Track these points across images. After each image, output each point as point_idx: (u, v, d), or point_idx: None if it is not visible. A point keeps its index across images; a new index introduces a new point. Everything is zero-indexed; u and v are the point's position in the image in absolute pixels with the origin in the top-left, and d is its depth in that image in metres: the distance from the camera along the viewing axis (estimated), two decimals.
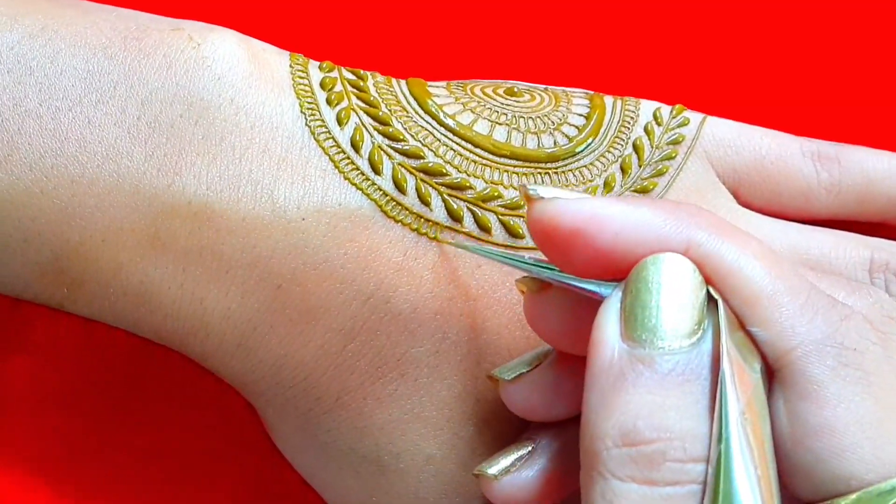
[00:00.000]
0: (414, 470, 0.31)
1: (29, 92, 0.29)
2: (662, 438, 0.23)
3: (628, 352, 0.24)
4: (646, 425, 0.23)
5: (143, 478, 0.35)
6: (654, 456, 0.23)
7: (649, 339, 0.24)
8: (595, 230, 0.25)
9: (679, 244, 0.25)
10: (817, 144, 0.35)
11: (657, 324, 0.24)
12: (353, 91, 0.32)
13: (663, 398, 0.24)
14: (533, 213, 0.26)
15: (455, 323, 0.30)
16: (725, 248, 0.25)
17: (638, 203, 0.25)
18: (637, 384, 0.24)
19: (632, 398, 0.24)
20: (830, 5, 0.39)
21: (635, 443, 0.23)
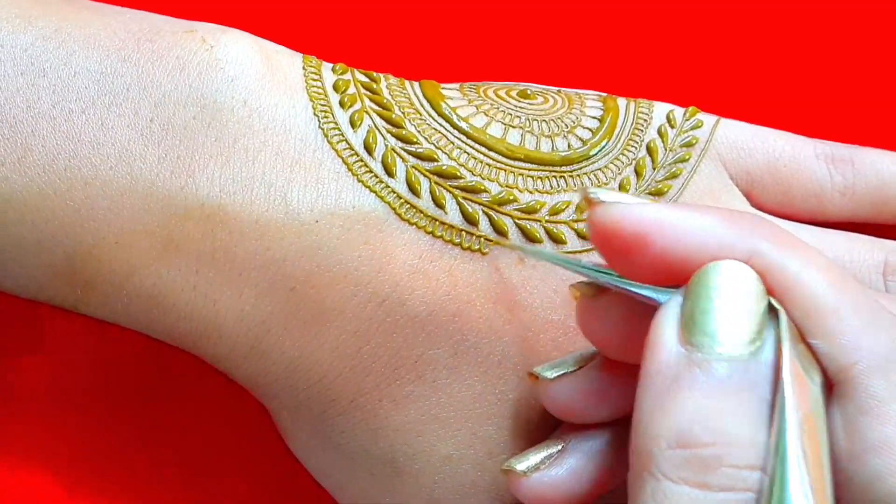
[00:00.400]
0: (429, 471, 0.31)
1: (42, 94, 0.29)
2: (719, 443, 0.23)
3: (685, 355, 0.24)
4: (702, 429, 0.23)
5: (156, 478, 0.35)
6: (710, 460, 0.23)
7: (708, 345, 0.24)
8: (658, 235, 0.25)
9: (742, 253, 0.25)
10: (831, 147, 0.35)
11: (716, 329, 0.24)
12: (366, 93, 0.32)
13: (720, 403, 0.23)
14: (594, 216, 0.26)
15: (474, 325, 0.30)
16: (789, 260, 0.24)
17: (702, 210, 0.25)
18: (693, 388, 0.24)
19: (687, 401, 0.24)
20: (844, 7, 0.39)
21: (690, 445, 0.23)
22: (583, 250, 0.31)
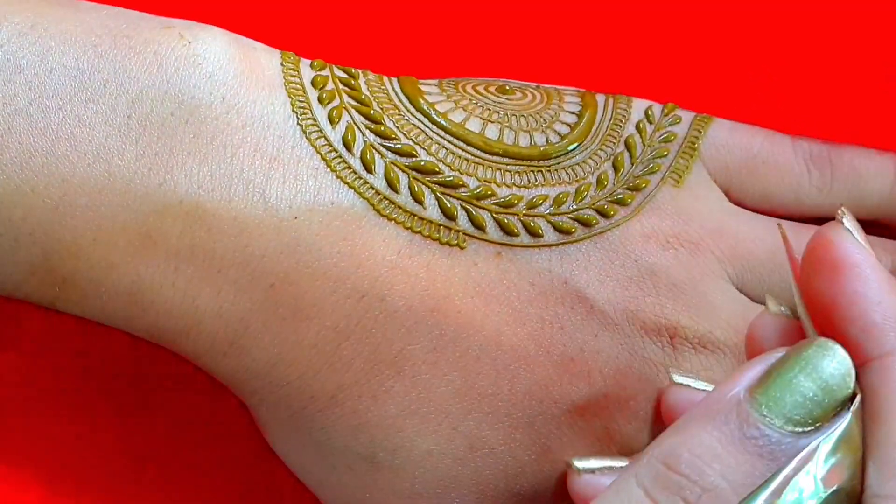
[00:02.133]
0: (410, 465, 0.31)
1: (19, 90, 0.29)
2: (690, 478, 0.24)
3: (740, 402, 0.24)
4: (689, 459, 0.24)
5: (135, 476, 0.35)
6: (672, 484, 0.24)
7: (762, 404, 0.24)
8: (847, 276, 0.25)
9: (886, 345, 0.25)
10: (809, 143, 0.35)
11: (779, 396, 0.24)
12: (344, 89, 0.32)
13: (726, 453, 0.24)
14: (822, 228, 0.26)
15: (452, 320, 0.30)
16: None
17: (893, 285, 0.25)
18: (719, 429, 0.24)
19: (703, 435, 0.24)
20: (822, 4, 0.40)
21: (669, 465, 0.24)
22: (559, 243, 0.31)
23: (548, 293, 0.31)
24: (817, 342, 0.25)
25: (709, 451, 0.24)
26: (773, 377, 0.25)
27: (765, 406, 0.24)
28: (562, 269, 0.31)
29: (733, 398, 0.25)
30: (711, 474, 0.24)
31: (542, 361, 0.31)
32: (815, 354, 0.25)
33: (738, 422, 0.24)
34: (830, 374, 0.24)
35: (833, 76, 0.39)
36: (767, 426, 0.24)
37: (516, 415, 0.31)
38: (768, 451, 0.24)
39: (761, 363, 0.25)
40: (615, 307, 0.31)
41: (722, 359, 0.32)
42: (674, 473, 0.24)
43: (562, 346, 0.31)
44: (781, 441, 0.24)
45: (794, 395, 0.24)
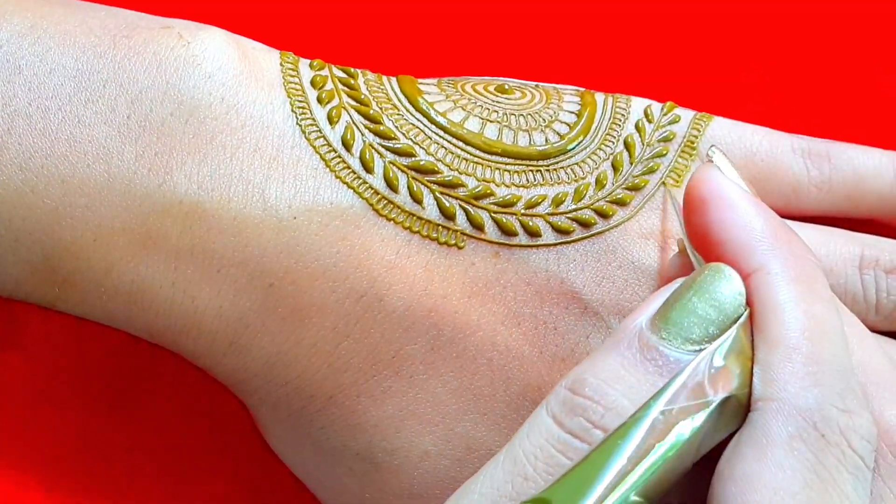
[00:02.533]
0: (408, 466, 0.31)
1: (18, 91, 0.29)
2: (593, 399, 0.25)
3: (642, 330, 0.26)
4: (592, 382, 0.25)
5: (135, 476, 0.35)
6: (577, 407, 0.25)
7: (660, 328, 0.26)
8: (715, 207, 0.28)
9: (754, 263, 0.27)
10: (808, 141, 0.35)
11: (674, 318, 0.26)
12: (343, 89, 0.32)
13: (626, 373, 0.26)
14: (696, 170, 0.29)
15: (449, 320, 0.30)
16: (787, 290, 0.27)
17: (763, 212, 0.28)
18: (622, 354, 0.26)
19: (608, 362, 0.26)
20: (822, 4, 0.39)
21: (574, 390, 0.25)
22: (557, 243, 0.31)
23: (544, 293, 0.31)
24: (709, 266, 0.27)
25: (611, 374, 0.25)
26: (671, 303, 0.26)
27: (664, 329, 0.26)
28: (558, 270, 0.31)
29: (636, 326, 0.26)
30: (613, 394, 0.25)
31: (535, 362, 0.31)
32: (707, 277, 0.27)
33: (639, 346, 0.26)
34: (722, 294, 0.26)
35: (832, 75, 0.39)
36: (666, 347, 0.26)
37: (511, 416, 0.31)
38: (668, 369, 0.25)
39: (662, 294, 0.27)
40: (609, 309, 0.31)
41: None
42: (578, 397, 0.25)
43: (554, 346, 0.31)
44: (680, 359, 0.26)
45: (689, 316, 0.26)
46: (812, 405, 0.25)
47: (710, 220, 0.28)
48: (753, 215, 0.28)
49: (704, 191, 0.28)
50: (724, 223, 0.28)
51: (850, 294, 0.34)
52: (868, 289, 0.34)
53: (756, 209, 0.28)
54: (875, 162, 0.35)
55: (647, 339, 0.26)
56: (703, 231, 0.28)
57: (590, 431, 0.25)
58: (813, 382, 0.25)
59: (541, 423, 0.26)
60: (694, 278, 0.27)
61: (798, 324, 0.26)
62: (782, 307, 0.26)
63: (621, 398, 0.25)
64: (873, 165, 0.35)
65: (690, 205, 0.28)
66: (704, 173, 0.29)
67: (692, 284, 0.27)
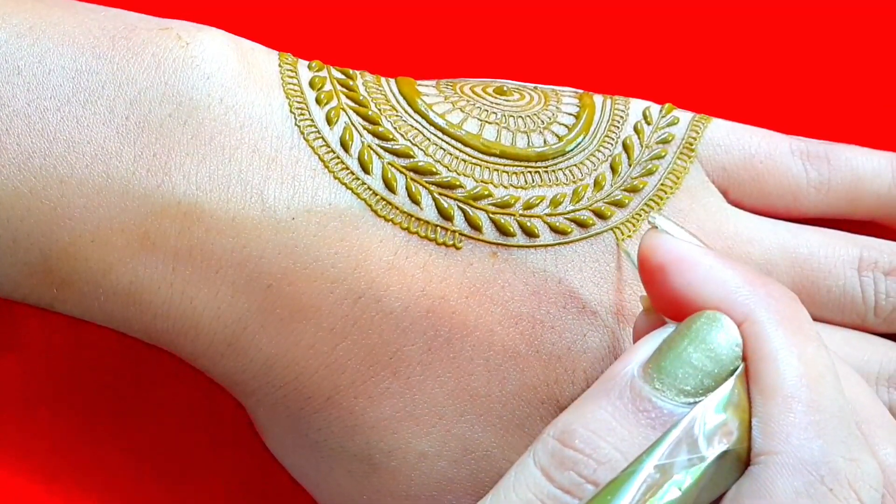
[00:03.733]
0: (405, 468, 0.31)
1: (17, 92, 0.29)
2: (584, 452, 0.25)
3: (633, 378, 0.25)
4: (583, 434, 0.25)
5: (133, 477, 0.35)
6: (567, 460, 0.25)
7: (653, 378, 0.25)
8: (677, 272, 0.27)
9: (739, 314, 0.26)
10: (807, 143, 0.35)
11: (668, 368, 0.25)
12: (342, 90, 0.32)
13: (619, 426, 0.25)
14: (642, 239, 0.28)
15: (447, 321, 0.30)
16: (778, 337, 0.26)
17: (730, 264, 0.27)
18: (612, 403, 0.25)
19: (598, 410, 0.25)
20: (820, 5, 0.39)
21: (564, 442, 0.25)
22: (555, 243, 0.31)
23: (541, 293, 0.31)
24: (705, 314, 0.26)
25: (603, 425, 0.25)
26: (664, 351, 0.26)
27: (657, 380, 0.25)
28: (556, 269, 0.31)
29: (627, 374, 0.26)
30: (605, 447, 0.25)
31: (532, 361, 0.31)
32: (703, 326, 0.26)
33: (631, 396, 0.25)
34: (718, 344, 0.26)
35: (830, 77, 0.39)
36: (660, 398, 0.25)
37: (507, 416, 0.31)
38: (661, 422, 0.25)
39: (654, 339, 0.26)
40: (606, 308, 0.31)
41: None
42: (569, 449, 0.25)
43: (550, 344, 0.31)
44: (674, 412, 0.25)
45: (684, 366, 0.25)
46: (818, 457, 0.24)
47: (675, 285, 0.27)
48: (721, 268, 0.27)
49: (660, 258, 0.27)
50: (692, 284, 0.27)
51: (849, 296, 0.34)
52: (867, 291, 0.34)
53: (721, 261, 0.27)
54: (874, 163, 0.35)
55: (639, 389, 0.25)
56: (670, 297, 0.27)
57: (581, 487, 0.24)
58: (816, 433, 0.25)
59: (528, 474, 0.25)
60: (689, 326, 0.26)
61: (793, 371, 0.25)
62: (775, 355, 0.25)
63: (613, 451, 0.25)
64: (872, 167, 0.35)
65: (649, 275, 0.28)
66: (652, 240, 0.28)
67: (687, 333, 0.26)
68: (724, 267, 0.27)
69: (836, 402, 0.26)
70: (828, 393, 0.25)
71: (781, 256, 0.33)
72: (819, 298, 0.33)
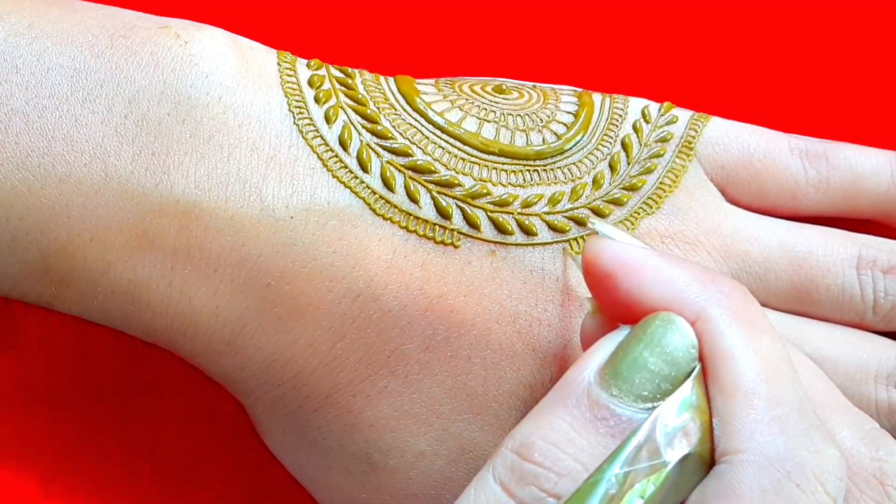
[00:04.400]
0: (404, 466, 0.31)
1: (15, 90, 0.29)
2: (544, 465, 0.24)
3: (590, 384, 0.25)
4: (542, 447, 0.25)
5: (132, 476, 0.35)
6: (527, 475, 0.24)
7: (610, 384, 0.25)
8: (624, 277, 0.26)
9: (691, 313, 0.26)
10: (805, 141, 0.35)
11: (625, 374, 0.25)
12: (341, 89, 0.32)
13: (577, 436, 0.25)
14: (585, 245, 0.27)
15: (445, 319, 0.30)
16: (732, 333, 0.25)
17: (676, 262, 0.27)
18: (570, 412, 0.25)
19: (555, 420, 0.25)
20: (820, 4, 0.39)
21: (523, 455, 0.25)
22: (553, 241, 0.31)
23: (538, 290, 0.31)
24: (659, 316, 0.25)
25: (561, 436, 0.24)
26: (620, 357, 0.25)
27: (614, 386, 0.25)
28: (554, 268, 0.31)
29: (583, 381, 0.25)
30: (565, 459, 0.24)
31: (528, 359, 0.31)
32: (657, 329, 0.25)
33: (588, 404, 0.25)
34: (675, 347, 0.25)
35: (829, 75, 0.39)
36: (618, 405, 0.25)
37: (504, 416, 0.31)
38: (620, 429, 0.24)
39: (607, 343, 0.26)
40: None
41: None
42: (528, 463, 0.24)
43: (548, 342, 0.31)
44: (633, 418, 0.24)
45: (641, 371, 0.25)
46: (783, 453, 0.24)
47: (624, 289, 0.26)
48: (668, 267, 0.26)
49: (606, 264, 0.27)
50: (640, 287, 0.26)
51: (848, 294, 0.34)
52: (865, 289, 0.34)
53: (667, 261, 0.27)
54: (873, 162, 0.35)
55: (596, 396, 0.25)
56: (620, 302, 0.27)
57: (543, 501, 0.24)
58: (779, 428, 0.25)
59: (488, 490, 0.25)
60: (644, 329, 0.25)
61: (751, 367, 0.25)
62: (732, 352, 0.25)
63: (573, 462, 0.24)
64: (871, 165, 0.35)
65: (595, 283, 0.27)
66: (596, 247, 0.27)
67: (642, 337, 0.25)
68: (671, 266, 0.26)
69: (795, 394, 0.25)
70: (787, 386, 0.25)
71: (780, 255, 0.33)
72: (818, 297, 0.33)
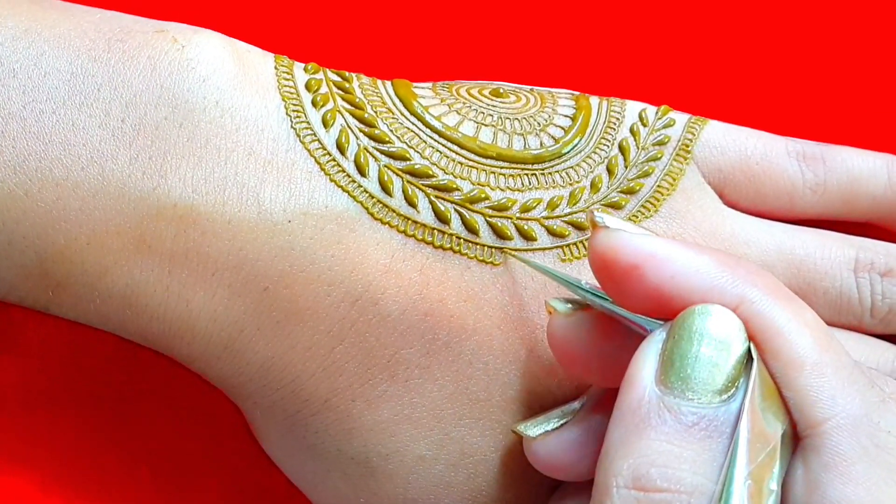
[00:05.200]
0: (403, 471, 0.31)
1: (12, 94, 0.28)
2: (671, 490, 0.24)
3: (659, 396, 0.25)
4: (659, 474, 0.24)
5: (130, 479, 0.34)
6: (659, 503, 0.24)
7: (681, 389, 0.25)
8: (652, 269, 0.26)
9: (732, 298, 0.25)
10: (802, 144, 0.35)
11: (692, 375, 0.25)
12: (338, 93, 0.32)
13: (681, 450, 0.24)
14: (595, 241, 0.27)
15: (445, 324, 0.30)
16: (778, 311, 0.25)
17: (699, 250, 0.26)
18: (659, 431, 0.24)
19: (651, 444, 0.24)
20: (815, 6, 0.40)
21: (645, 489, 0.24)
22: (552, 247, 0.31)
23: (541, 297, 0.31)
24: (697, 309, 0.25)
25: (668, 456, 0.24)
26: (676, 359, 0.25)
27: (688, 390, 0.25)
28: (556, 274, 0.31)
29: (651, 396, 0.25)
30: (686, 476, 0.24)
31: (533, 365, 0.31)
32: (699, 322, 0.25)
33: (671, 416, 0.24)
34: (722, 332, 0.25)
35: (826, 78, 0.39)
36: (700, 407, 0.24)
37: (507, 421, 0.31)
38: (713, 428, 0.24)
39: (649, 352, 0.25)
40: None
41: None
42: (655, 493, 0.24)
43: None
44: (717, 414, 0.24)
45: (701, 366, 0.25)
46: (863, 410, 0.25)
47: (653, 281, 0.26)
48: (695, 256, 0.26)
49: (628, 257, 0.26)
50: (674, 278, 0.26)
51: (846, 297, 0.34)
52: (863, 292, 0.34)
53: (693, 249, 0.26)
54: (870, 164, 0.35)
55: (675, 406, 0.25)
56: (649, 294, 0.26)
57: None
58: (852, 388, 0.25)
59: None
60: (689, 325, 0.25)
61: (807, 339, 0.25)
62: (786, 328, 0.25)
63: (694, 477, 0.24)
64: (868, 167, 0.35)
65: (615, 276, 0.26)
66: (611, 240, 0.26)
67: (692, 333, 0.25)
68: (699, 254, 0.26)
69: (846, 354, 0.26)
70: (838, 348, 0.26)
71: (778, 258, 0.33)
72: (815, 300, 0.34)
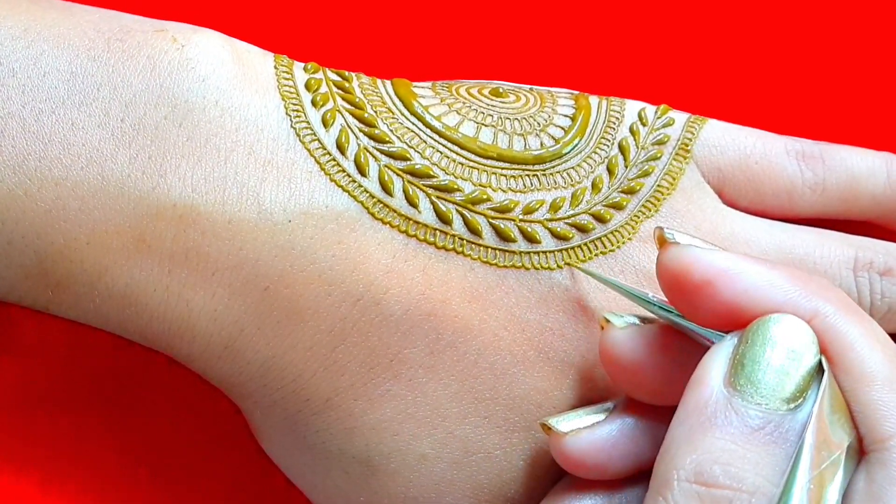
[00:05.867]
0: (405, 469, 0.31)
1: (12, 94, 0.28)
2: (733, 487, 0.24)
3: (726, 397, 0.25)
4: (722, 471, 0.24)
5: (129, 479, 0.34)
6: (721, 500, 0.24)
7: (750, 393, 0.25)
8: (725, 284, 0.26)
9: (806, 312, 0.26)
10: (801, 143, 0.35)
11: (762, 380, 0.25)
12: (338, 92, 0.32)
13: (745, 451, 0.25)
14: (665, 257, 0.28)
15: (450, 324, 0.30)
16: (850, 326, 0.26)
17: (773, 265, 0.27)
18: (725, 430, 0.25)
19: (716, 442, 0.25)
20: (815, 6, 0.40)
21: (707, 484, 0.24)
22: (556, 250, 0.31)
23: (548, 300, 0.31)
24: (772, 318, 0.26)
25: (733, 455, 0.25)
26: (744, 363, 0.25)
27: (753, 393, 0.25)
28: (562, 277, 0.31)
29: (718, 396, 0.25)
30: (749, 476, 0.24)
31: (543, 367, 0.31)
32: (773, 329, 0.26)
33: (737, 417, 0.25)
34: (795, 342, 0.25)
35: (825, 77, 0.39)
36: (766, 411, 0.25)
37: (513, 419, 0.31)
38: (778, 434, 0.25)
39: (719, 356, 0.26)
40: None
41: None
42: (716, 489, 0.24)
43: (563, 352, 0.31)
44: (783, 421, 0.25)
45: (772, 372, 0.25)
46: None
47: (727, 296, 0.26)
48: (768, 271, 0.27)
49: (701, 272, 0.27)
50: (748, 292, 0.26)
51: None
52: (862, 291, 0.34)
53: (765, 265, 0.27)
54: (869, 163, 0.35)
55: (743, 409, 0.25)
56: (721, 309, 0.27)
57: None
58: None
59: None
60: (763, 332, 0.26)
61: (878, 354, 0.26)
62: (857, 343, 0.26)
63: (756, 477, 0.24)
64: (867, 166, 0.35)
65: (686, 291, 0.27)
66: (682, 256, 0.27)
67: (764, 341, 0.26)
68: (769, 269, 0.27)
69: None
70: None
71: (777, 257, 0.33)
72: None
